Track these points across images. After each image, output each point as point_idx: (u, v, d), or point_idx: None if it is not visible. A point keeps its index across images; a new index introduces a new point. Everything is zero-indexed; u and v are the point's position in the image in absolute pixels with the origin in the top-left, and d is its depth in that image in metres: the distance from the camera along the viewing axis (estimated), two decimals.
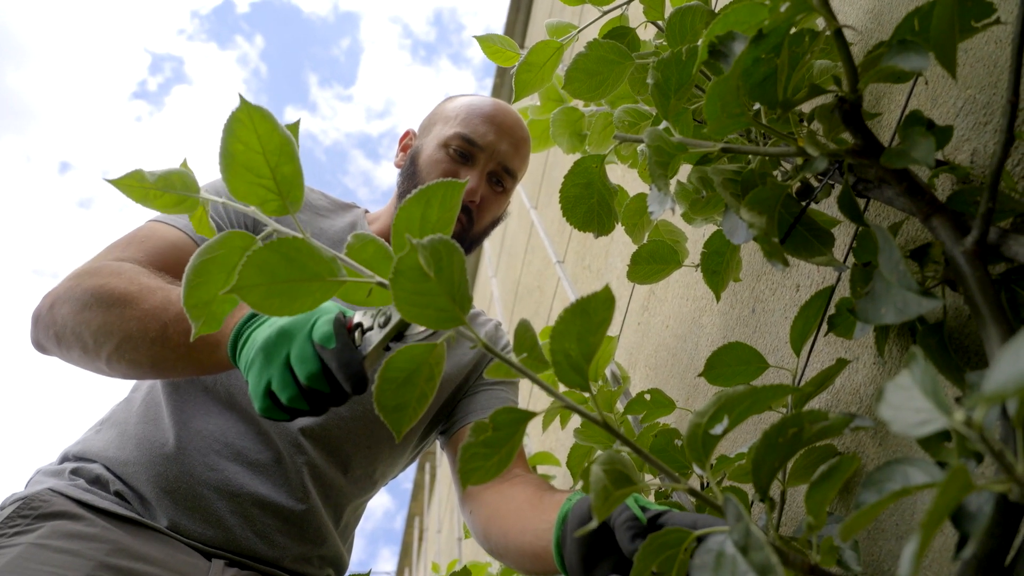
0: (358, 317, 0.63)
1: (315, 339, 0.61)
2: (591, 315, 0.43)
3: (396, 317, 0.59)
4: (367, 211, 1.17)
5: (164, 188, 0.49)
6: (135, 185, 0.49)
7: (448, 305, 0.42)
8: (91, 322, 0.78)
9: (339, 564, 1.05)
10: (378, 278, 0.47)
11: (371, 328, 0.62)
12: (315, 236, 1.03)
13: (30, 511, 0.80)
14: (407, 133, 1.23)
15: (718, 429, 0.44)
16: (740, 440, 0.84)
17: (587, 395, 0.47)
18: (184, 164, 0.51)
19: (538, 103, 1.12)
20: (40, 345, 0.86)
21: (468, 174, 1.09)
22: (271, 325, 0.65)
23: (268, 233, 0.48)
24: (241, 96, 0.45)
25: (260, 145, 0.45)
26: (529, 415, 0.46)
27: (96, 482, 0.87)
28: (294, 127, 0.48)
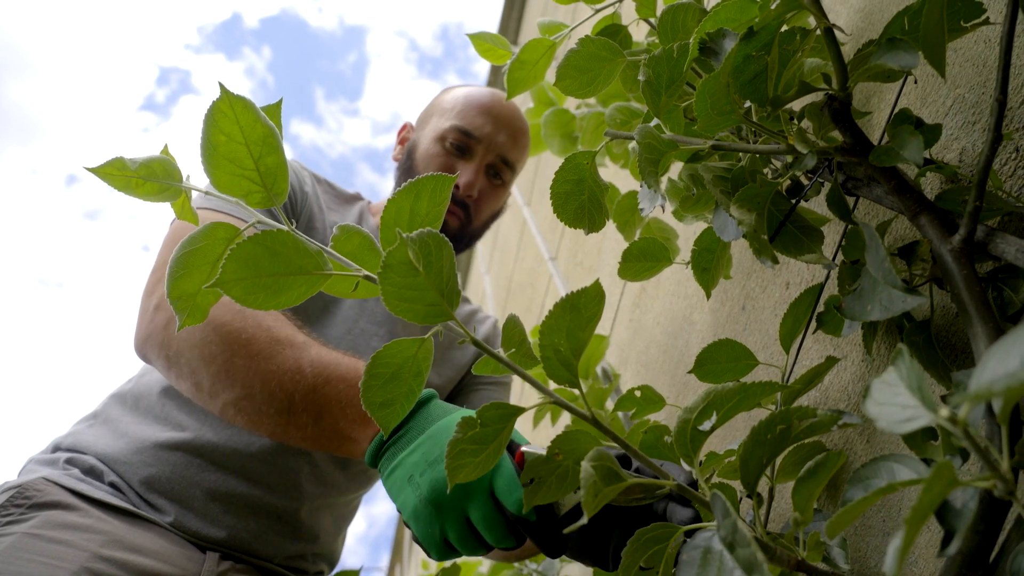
0: (529, 451, 0.57)
1: (506, 505, 0.56)
2: (581, 310, 0.43)
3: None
4: (370, 202, 1.17)
5: (146, 176, 0.48)
6: (116, 173, 0.47)
7: (437, 299, 0.42)
8: (210, 362, 0.71)
9: (332, 559, 1.04)
10: (364, 271, 0.46)
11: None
12: (324, 232, 1.02)
13: (24, 500, 0.79)
14: (405, 126, 1.22)
15: (706, 425, 0.44)
16: (730, 438, 0.84)
17: (576, 392, 0.47)
18: (165, 150, 0.49)
19: (530, 104, 1.11)
20: (146, 358, 0.80)
21: (465, 167, 1.08)
22: (428, 466, 0.58)
23: (252, 225, 0.47)
24: (222, 86, 0.44)
25: (243, 136, 0.44)
26: (518, 411, 0.46)
27: (91, 472, 0.86)
28: (276, 109, 0.47)
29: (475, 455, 0.46)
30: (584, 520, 0.41)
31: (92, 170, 0.47)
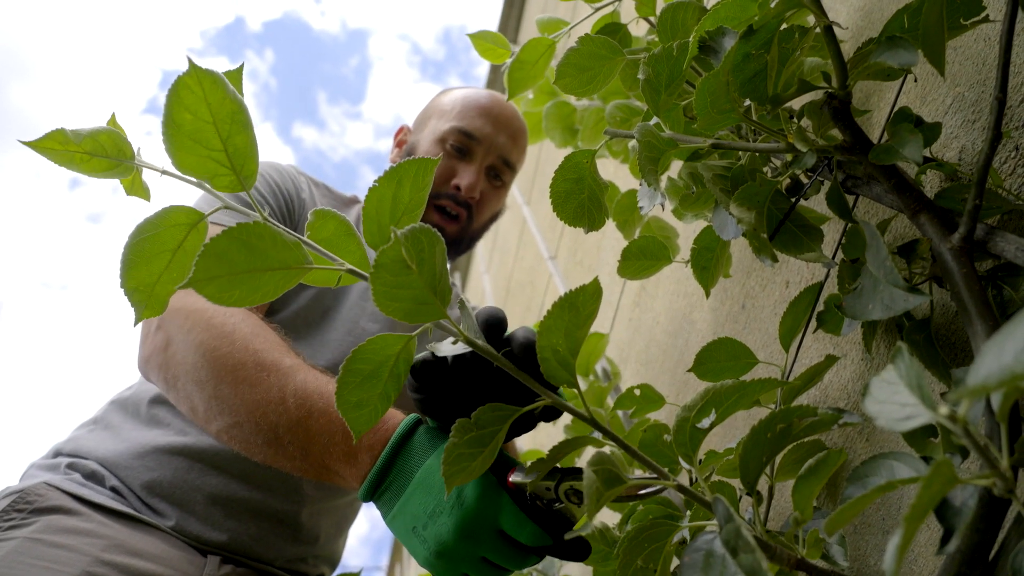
0: (520, 477, 0.55)
1: (520, 541, 0.55)
2: (579, 309, 0.43)
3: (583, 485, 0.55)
4: None
5: (93, 151, 0.43)
6: (58, 148, 0.43)
7: (429, 298, 0.40)
8: (202, 388, 0.70)
9: (333, 561, 1.04)
10: (348, 265, 0.44)
11: (555, 499, 0.54)
12: None
13: (25, 505, 0.78)
14: (402, 129, 1.22)
15: (705, 423, 0.44)
16: (730, 436, 0.84)
17: (575, 391, 0.47)
18: (112, 121, 0.45)
19: (531, 96, 1.12)
20: (148, 378, 0.80)
21: (466, 169, 1.08)
22: (429, 519, 0.56)
23: (216, 211, 0.45)
24: (190, 59, 0.40)
25: (211, 114, 0.40)
26: (514, 411, 0.45)
27: (92, 477, 0.86)
28: (237, 75, 0.43)
29: (472, 459, 0.46)
30: (588, 529, 0.41)
31: (30, 144, 0.42)
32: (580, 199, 0.66)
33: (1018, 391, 0.28)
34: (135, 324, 0.46)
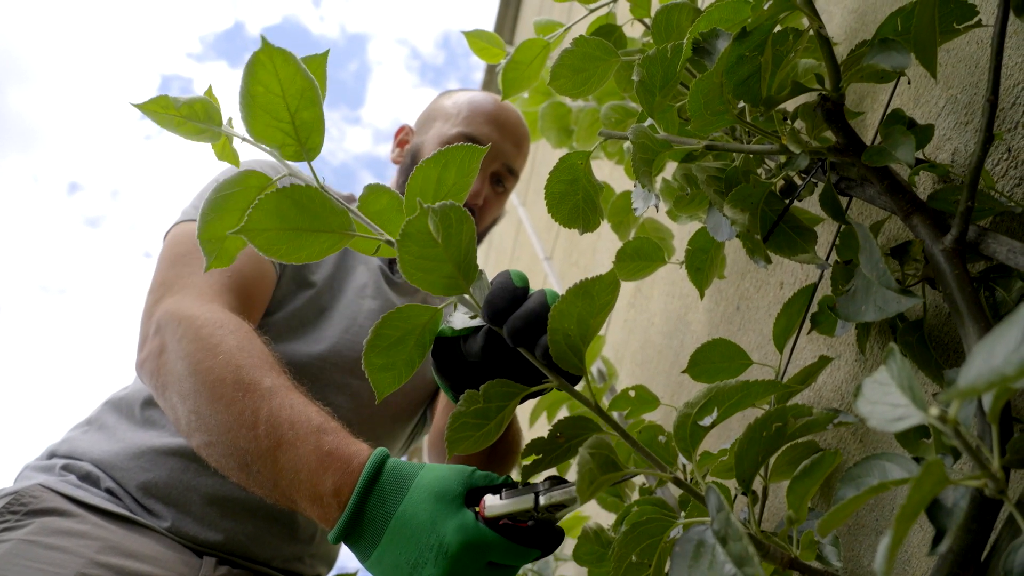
0: (496, 507, 0.53)
1: (513, 564, 0.55)
2: (594, 297, 0.43)
3: (564, 496, 0.52)
4: None
5: (188, 116, 0.48)
6: (159, 111, 0.48)
7: (453, 272, 0.42)
8: (185, 400, 0.69)
9: (329, 560, 1.04)
10: (386, 236, 0.47)
11: (535, 512, 0.53)
12: None
13: (20, 507, 0.78)
14: (403, 128, 1.22)
15: (707, 421, 0.44)
16: (724, 438, 0.84)
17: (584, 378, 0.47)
18: (209, 92, 0.49)
19: (526, 95, 1.12)
20: (142, 379, 0.79)
21: None
22: (412, 569, 0.54)
23: (283, 176, 0.48)
24: (263, 38, 0.44)
25: (280, 88, 0.44)
26: (522, 390, 0.46)
27: (87, 478, 0.85)
28: (321, 60, 0.46)
29: (476, 429, 0.46)
30: (579, 504, 0.42)
31: (138, 106, 0.48)
32: (575, 200, 0.66)
33: (1009, 392, 0.28)
34: (205, 271, 0.49)
